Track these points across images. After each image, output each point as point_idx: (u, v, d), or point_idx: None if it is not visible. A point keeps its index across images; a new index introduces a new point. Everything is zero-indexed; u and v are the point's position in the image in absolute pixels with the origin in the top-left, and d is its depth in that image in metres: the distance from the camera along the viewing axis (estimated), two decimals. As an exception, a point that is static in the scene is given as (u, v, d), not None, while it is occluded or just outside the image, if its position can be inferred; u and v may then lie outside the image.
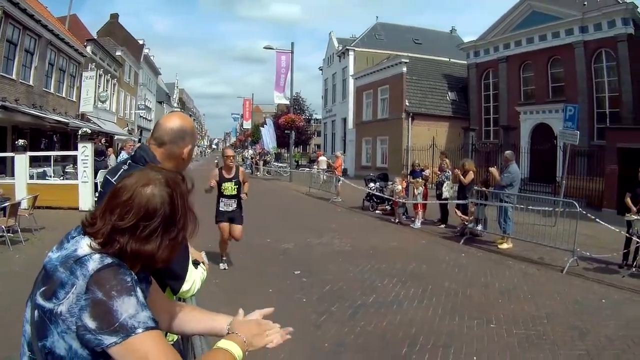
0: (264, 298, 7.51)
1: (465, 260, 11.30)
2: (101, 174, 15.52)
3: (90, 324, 1.45)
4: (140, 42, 57.57)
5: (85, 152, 16.94)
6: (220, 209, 9.43)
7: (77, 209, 15.69)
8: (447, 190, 15.84)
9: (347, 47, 48.00)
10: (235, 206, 9.48)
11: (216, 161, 54.30)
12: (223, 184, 9.31)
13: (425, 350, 5.94)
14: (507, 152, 13.90)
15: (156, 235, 1.63)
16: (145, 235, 1.62)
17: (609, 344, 6.30)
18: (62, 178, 18.87)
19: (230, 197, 9.40)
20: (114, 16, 57.54)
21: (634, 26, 24.05)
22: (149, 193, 1.63)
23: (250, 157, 51.74)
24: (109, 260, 1.55)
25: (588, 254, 10.91)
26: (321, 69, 59.12)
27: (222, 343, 1.77)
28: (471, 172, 14.55)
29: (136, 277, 1.60)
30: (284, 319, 2.03)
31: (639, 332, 6.77)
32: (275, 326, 1.96)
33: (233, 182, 9.36)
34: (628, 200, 10.75)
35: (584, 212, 11.14)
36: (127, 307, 1.48)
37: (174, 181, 1.71)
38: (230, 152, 9.86)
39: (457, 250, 12.30)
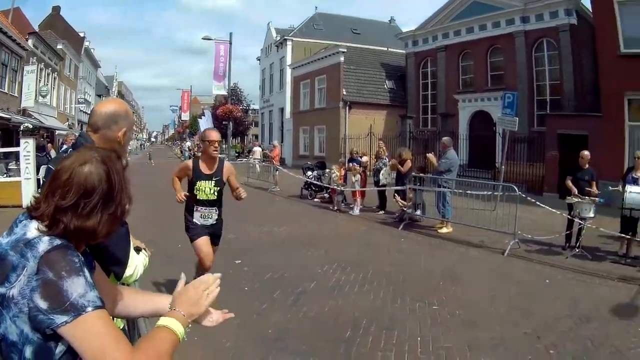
0: (207, 288, 7.23)
1: (405, 245, 11.30)
2: (43, 169, 14.94)
3: (42, 304, 1.50)
4: (81, 34, 55.85)
5: (27, 147, 16.24)
6: (195, 220, 6.38)
7: (20, 206, 14.96)
8: (385, 177, 15.82)
9: (285, 37, 47.55)
10: (217, 217, 6.49)
11: (149, 153, 53.00)
12: (198, 183, 6.24)
13: (369, 333, 5.87)
14: (445, 138, 13.97)
15: (96, 211, 1.69)
16: (87, 212, 1.67)
17: (555, 323, 6.37)
18: (4, 175, 18.11)
19: (209, 204, 6.36)
20: (56, 9, 55.74)
21: (577, 17, 24.43)
22: (86, 171, 1.68)
23: (188, 149, 51.07)
24: (58, 241, 1.61)
25: (529, 236, 11.02)
26: (259, 60, 58.74)
27: (162, 320, 1.80)
28: (408, 160, 14.61)
29: (83, 259, 1.65)
30: (227, 308, 2.11)
31: (585, 311, 6.88)
32: (213, 278, 1.98)
33: (213, 182, 6.30)
34: (569, 182, 10.96)
35: (524, 195, 11.24)
36: (77, 287, 1.54)
37: (110, 158, 1.77)
38: (215, 135, 6.33)
39: (396, 236, 12.28)
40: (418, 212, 13.53)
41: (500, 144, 21.69)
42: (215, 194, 6.35)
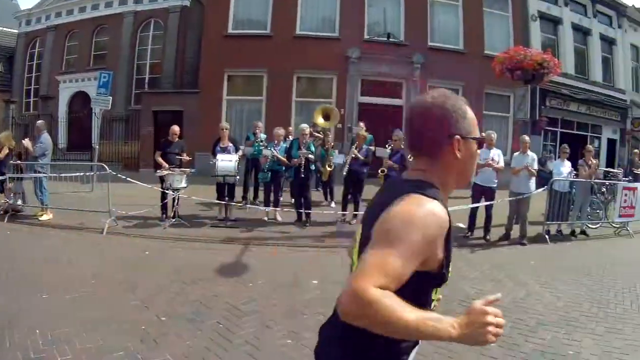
0: None
1: (11, 237, 10.58)
2: None
3: None
4: None
5: None
6: None
7: None
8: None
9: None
10: None
11: None
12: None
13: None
14: (38, 122, 13.68)
15: None
16: None
17: (161, 290, 6.73)
18: None
19: None
20: None
21: (198, -1, 25.55)
22: None
23: None
24: None
25: (125, 212, 11.29)
26: None
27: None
28: (6, 146, 13.69)
29: None
30: None
31: (188, 275, 7.40)
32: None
33: None
34: (158, 157, 11.55)
35: (115, 173, 11.55)
36: None
37: None
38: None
39: (3, 229, 11.38)
40: (20, 202, 12.83)
41: (96, 124, 21.77)
42: None
